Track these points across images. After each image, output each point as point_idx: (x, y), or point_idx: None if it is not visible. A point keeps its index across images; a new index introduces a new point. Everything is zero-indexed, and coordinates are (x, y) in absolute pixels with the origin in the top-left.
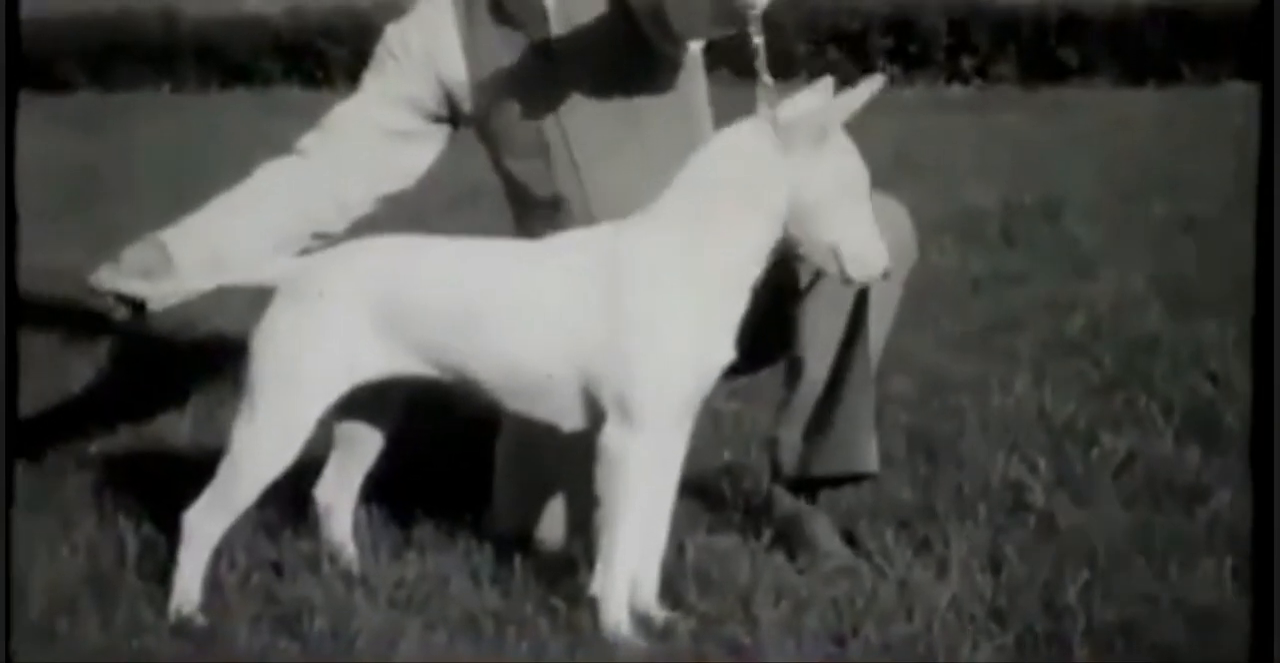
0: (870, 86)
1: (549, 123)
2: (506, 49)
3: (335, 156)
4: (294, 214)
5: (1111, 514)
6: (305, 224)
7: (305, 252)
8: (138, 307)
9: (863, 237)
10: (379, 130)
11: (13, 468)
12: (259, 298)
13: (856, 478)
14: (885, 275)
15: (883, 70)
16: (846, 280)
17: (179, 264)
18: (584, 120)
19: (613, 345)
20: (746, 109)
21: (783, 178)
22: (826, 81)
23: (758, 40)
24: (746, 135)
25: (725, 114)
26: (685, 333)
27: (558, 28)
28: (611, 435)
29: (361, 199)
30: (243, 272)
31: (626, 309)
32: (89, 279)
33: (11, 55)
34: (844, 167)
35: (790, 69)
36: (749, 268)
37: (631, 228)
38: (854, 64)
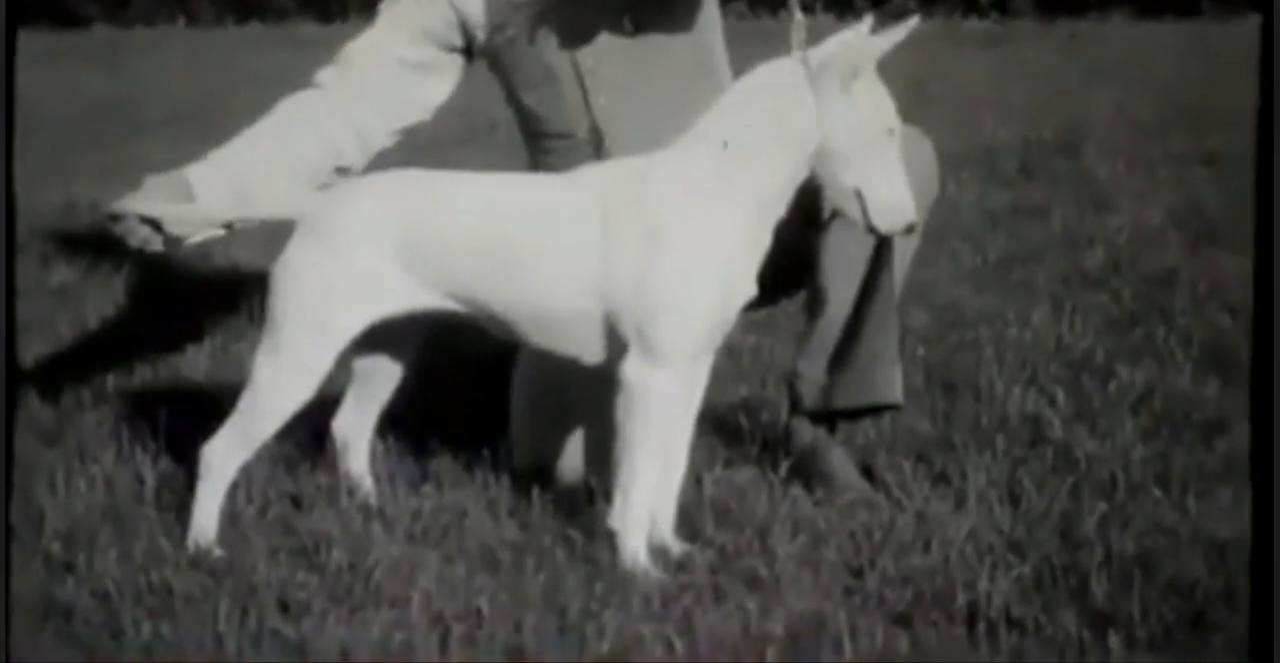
0: (904, 28)
1: (563, 55)
2: None
3: (353, 89)
4: (315, 147)
5: (1129, 447)
6: (326, 158)
7: (325, 187)
8: (157, 229)
9: (890, 186)
10: (396, 62)
11: (12, 428)
12: (276, 232)
13: (880, 409)
14: (910, 230)
15: (900, 4)
16: (870, 230)
17: (201, 196)
18: (598, 52)
19: (637, 279)
20: (762, 43)
21: (813, 117)
22: (864, 22)
23: None
24: (780, 73)
25: (739, 49)
26: (710, 268)
27: None
28: (633, 368)
29: (380, 131)
30: (264, 205)
31: (652, 243)
32: (111, 205)
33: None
34: (875, 111)
35: (808, 2)
36: (775, 205)
37: (659, 162)
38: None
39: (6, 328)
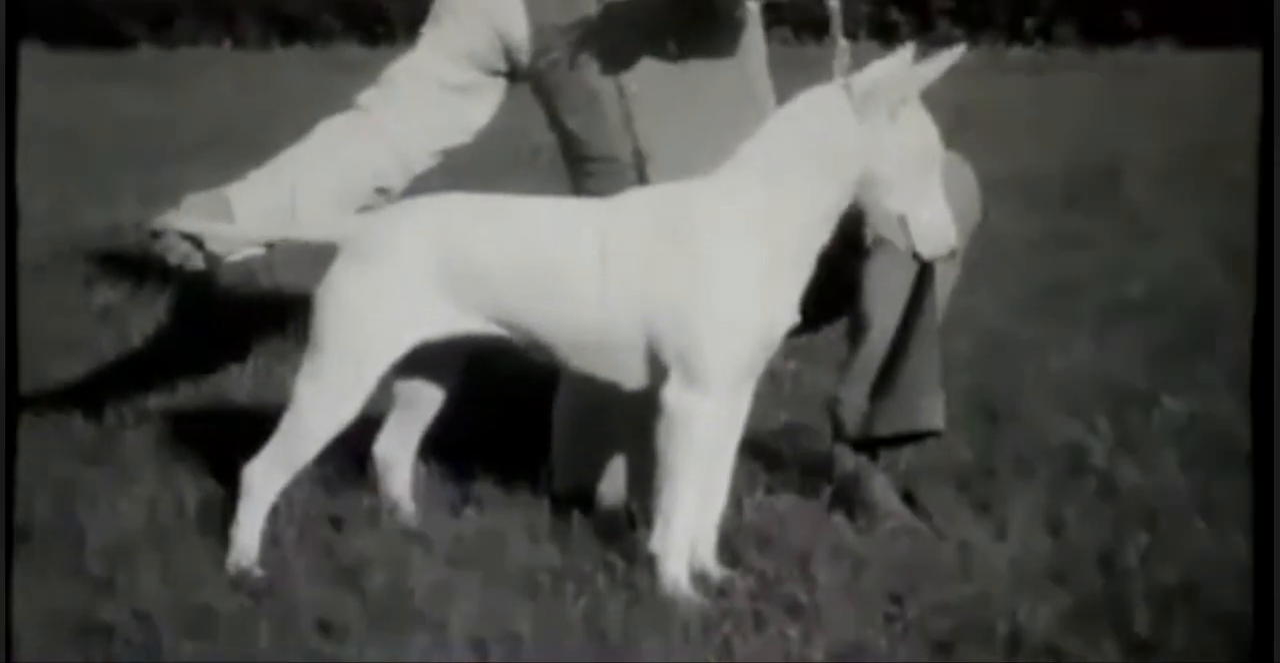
0: (950, 56)
1: (606, 78)
2: (566, 2)
3: (395, 111)
4: (354, 168)
5: (1172, 477)
6: (367, 179)
7: (366, 208)
8: (197, 246)
9: (933, 212)
10: (438, 84)
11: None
12: (320, 253)
13: (920, 437)
14: (953, 255)
15: (945, 31)
16: (914, 256)
17: (240, 215)
18: (641, 76)
19: (680, 305)
20: (804, 69)
21: (857, 145)
22: (906, 50)
23: (834, 2)
24: (824, 100)
25: (783, 74)
26: (752, 294)
27: None
28: (674, 394)
29: (422, 153)
30: (305, 227)
31: (695, 269)
32: (151, 222)
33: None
34: (918, 139)
35: (851, 29)
36: (818, 232)
37: (703, 187)
38: (915, 24)
39: (8, 337)
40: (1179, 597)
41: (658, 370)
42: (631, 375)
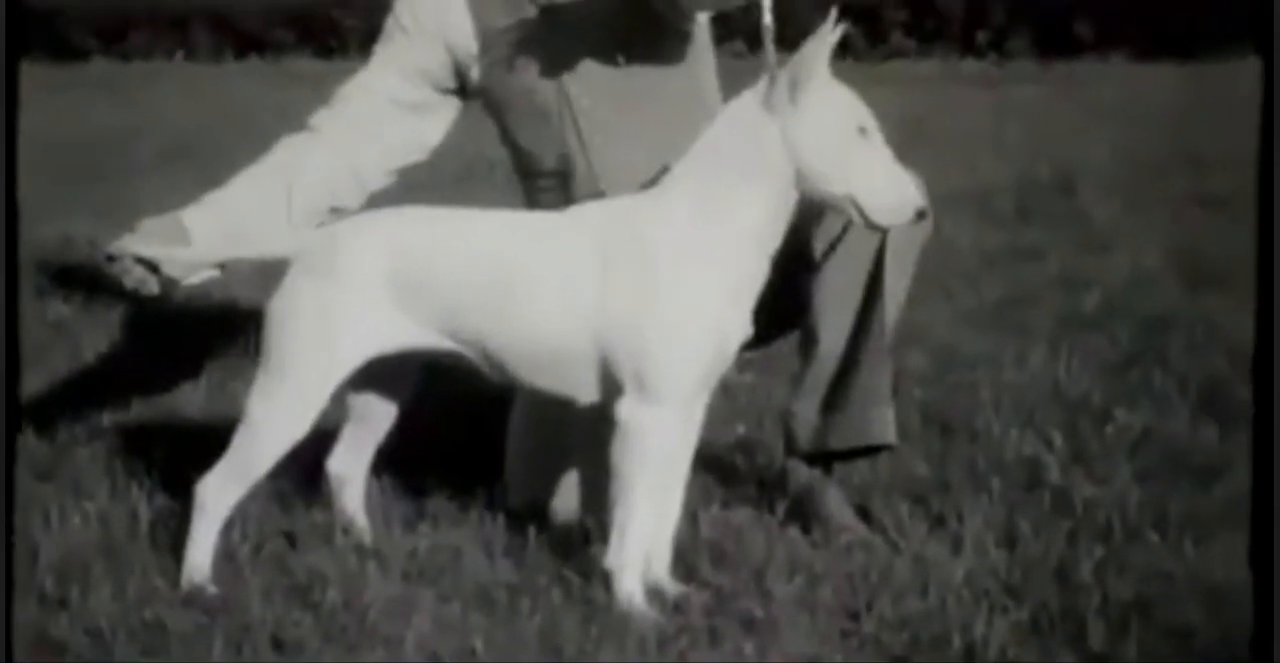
0: (829, 32)
1: (554, 91)
2: (514, 17)
3: (349, 131)
4: (310, 189)
5: (1126, 491)
6: (322, 199)
7: (321, 225)
8: (153, 271)
9: (879, 180)
10: (391, 103)
11: (14, 457)
12: (272, 267)
13: (873, 450)
14: (921, 216)
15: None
16: (875, 228)
17: (197, 239)
18: (590, 89)
19: (630, 319)
20: (757, 82)
21: (774, 141)
22: (817, 35)
23: (767, 20)
24: (741, 105)
25: (737, 87)
26: (704, 307)
27: None
28: (628, 409)
29: (377, 172)
30: (258, 244)
31: (645, 283)
32: (107, 247)
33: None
34: (836, 114)
35: (803, 42)
36: (765, 239)
37: (647, 201)
38: (869, 37)
39: (8, 358)
40: (1134, 611)
41: (611, 385)
42: (585, 390)
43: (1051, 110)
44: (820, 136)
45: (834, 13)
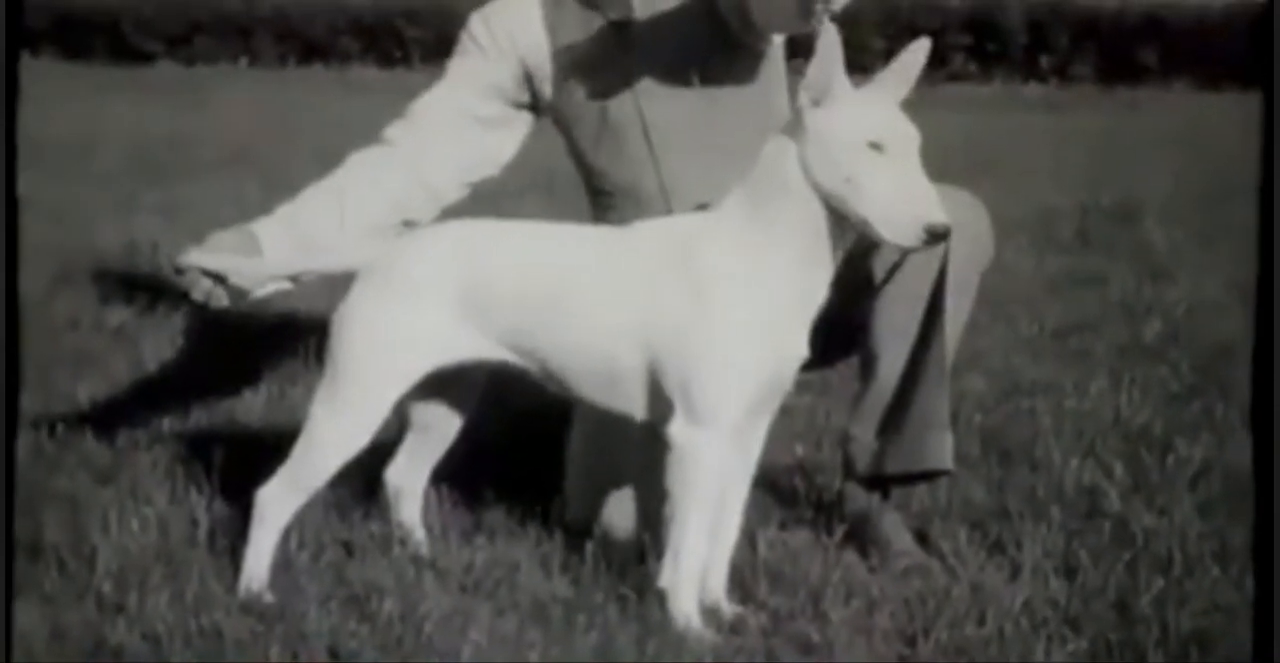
0: (830, 40)
1: (626, 109)
2: (589, 33)
3: (422, 145)
4: (383, 203)
5: (1187, 522)
6: (395, 213)
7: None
8: (221, 282)
9: (886, 197)
10: (465, 117)
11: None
12: (337, 279)
13: (931, 476)
14: (939, 236)
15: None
16: (901, 248)
17: (267, 250)
18: (662, 107)
19: (678, 339)
20: None
21: (794, 159)
22: (817, 56)
23: (831, 37)
24: (785, 127)
25: None
26: (752, 330)
27: (641, 12)
28: (679, 430)
29: (450, 186)
30: (329, 256)
31: (697, 304)
32: (176, 259)
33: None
34: (843, 131)
35: (866, 65)
36: (814, 261)
37: (703, 221)
38: (931, 61)
39: (8, 358)
40: (1194, 643)
41: (664, 404)
42: (639, 407)
43: (1114, 136)
44: (826, 155)
45: (958, 68)
